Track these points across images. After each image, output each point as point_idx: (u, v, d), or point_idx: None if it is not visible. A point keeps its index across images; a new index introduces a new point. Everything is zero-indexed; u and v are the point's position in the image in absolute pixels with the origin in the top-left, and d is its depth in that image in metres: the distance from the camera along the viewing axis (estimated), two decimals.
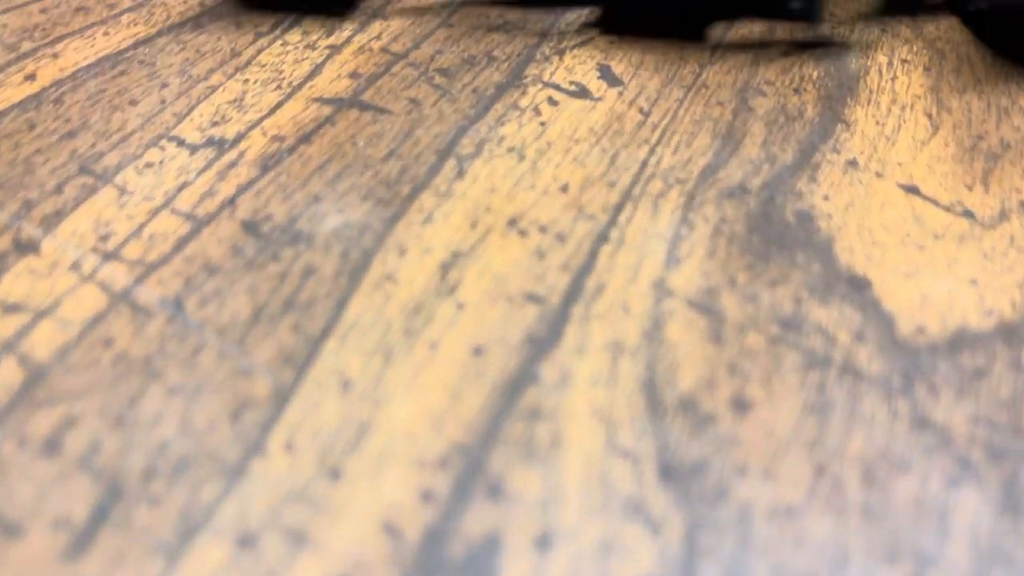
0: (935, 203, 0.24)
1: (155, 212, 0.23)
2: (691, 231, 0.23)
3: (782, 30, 0.31)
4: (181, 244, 0.22)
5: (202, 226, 0.23)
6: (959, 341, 0.20)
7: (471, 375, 0.19)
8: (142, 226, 0.23)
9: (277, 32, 0.30)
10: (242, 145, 0.25)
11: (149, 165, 0.25)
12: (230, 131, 0.26)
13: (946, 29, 0.31)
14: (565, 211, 0.24)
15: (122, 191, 0.24)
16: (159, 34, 0.30)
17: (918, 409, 0.19)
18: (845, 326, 0.21)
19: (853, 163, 0.25)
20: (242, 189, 0.24)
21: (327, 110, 0.27)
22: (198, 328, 0.20)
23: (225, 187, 0.24)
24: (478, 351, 0.20)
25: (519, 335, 0.20)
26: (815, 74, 0.29)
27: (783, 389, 0.19)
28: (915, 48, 0.30)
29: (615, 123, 0.27)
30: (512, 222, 0.23)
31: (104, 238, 0.22)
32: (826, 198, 0.24)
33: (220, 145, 0.25)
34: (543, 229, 0.23)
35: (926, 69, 0.29)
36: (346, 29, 0.30)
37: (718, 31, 0.31)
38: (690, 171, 0.25)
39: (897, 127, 0.27)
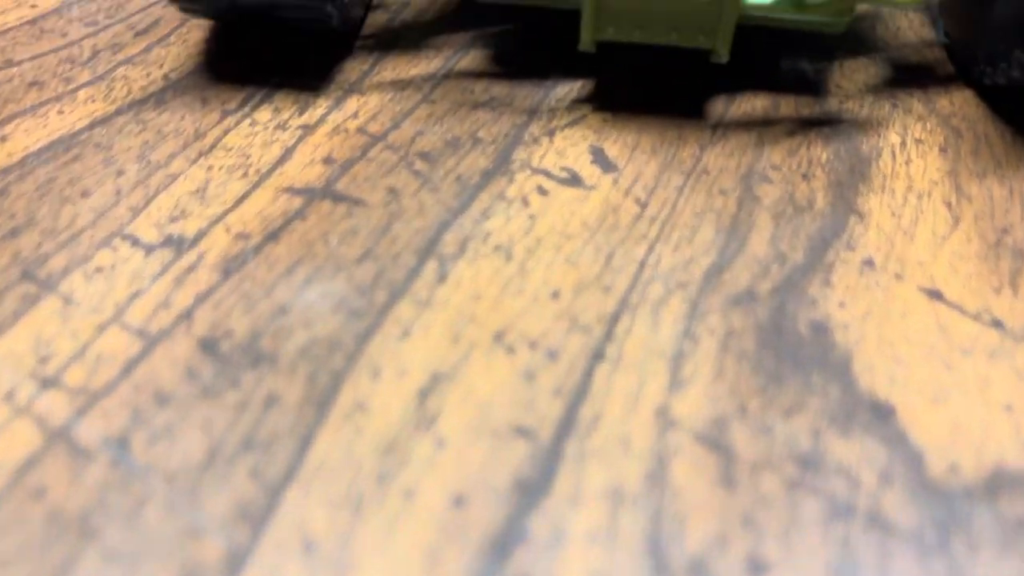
0: (961, 310, 0.22)
1: (103, 328, 0.21)
2: (695, 346, 0.21)
3: (786, 105, 0.29)
4: (130, 367, 0.20)
5: (154, 345, 0.20)
6: (997, 482, 0.18)
7: (451, 531, 0.17)
8: (87, 345, 0.20)
9: (246, 109, 0.28)
10: (202, 245, 0.23)
11: (99, 270, 0.22)
12: (190, 228, 0.24)
13: (961, 104, 0.29)
14: (557, 322, 0.21)
15: (68, 301, 0.21)
16: (118, 112, 0.28)
17: (957, 570, 0.17)
18: (869, 464, 0.18)
19: (869, 263, 0.23)
20: (201, 298, 0.22)
21: (297, 202, 0.25)
22: (144, 474, 0.18)
23: (182, 296, 0.22)
24: (459, 501, 0.18)
25: (506, 479, 0.18)
26: (824, 157, 0.27)
27: (803, 545, 0.17)
28: (929, 126, 0.28)
29: (610, 215, 0.25)
30: (498, 336, 0.21)
31: (44, 360, 0.20)
32: (842, 305, 0.22)
33: (178, 245, 0.23)
34: (533, 344, 0.21)
35: (942, 150, 0.27)
36: (320, 106, 0.28)
37: (718, 107, 0.29)
38: (692, 273, 0.23)
39: (915, 219, 0.25)
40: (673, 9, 0.26)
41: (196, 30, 0.32)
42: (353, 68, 0.30)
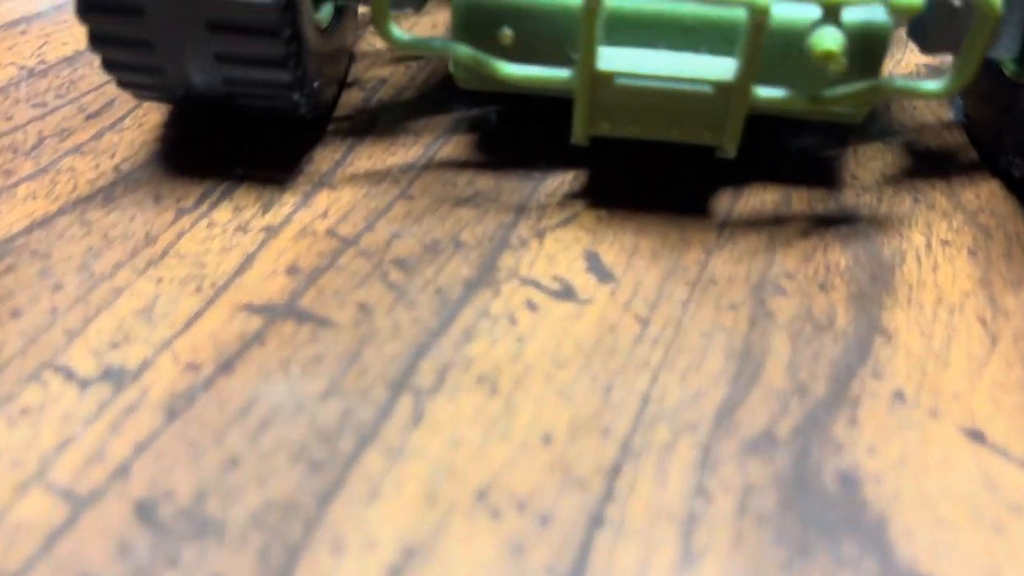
0: (1006, 456, 0.19)
1: (24, 488, 0.18)
2: (708, 506, 0.18)
3: (798, 200, 0.27)
4: (52, 540, 0.17)
5: (83, 509, 0.18)
6: None
7: None
8: (5, 512, 0.18)
9: (203, 207, 0.25)
10: (146, 378, 0.20)
11: (25, 412, 0.19)
12: (133, 357, 0.21)
13: (988, 197, 0.27)
14: (548, 475, 0.19)
15: None
16: (61, 211, 0.25)
17: None
18: None
19: (900, 396, 0.21)
20: (141, 448, 0.19)
21: (256, 322, 0.22)
22: None
23: (119, 445, 0.19)
24: None
25: None
26: (842, 262, 0.24)
27: None
28: (955, 224, 0.26)
29: (607, 337, 0.22)
30: (481, 495, 0.18)
31: None
32: (872, 451, 0.19)
33: (119, 379, 0.20)
34: (521, 506, 0.18)
35: (971, 253, 0.25)
36: (286, 203, 0.26)
37: (724, 202, 0.26)
38: (702, 410, 0.20)
39: (947, 340, 0.22)
40: (675, 104, 0.23)
41: (154, 112, 0.29)
42: (324, 157, 0.27)
